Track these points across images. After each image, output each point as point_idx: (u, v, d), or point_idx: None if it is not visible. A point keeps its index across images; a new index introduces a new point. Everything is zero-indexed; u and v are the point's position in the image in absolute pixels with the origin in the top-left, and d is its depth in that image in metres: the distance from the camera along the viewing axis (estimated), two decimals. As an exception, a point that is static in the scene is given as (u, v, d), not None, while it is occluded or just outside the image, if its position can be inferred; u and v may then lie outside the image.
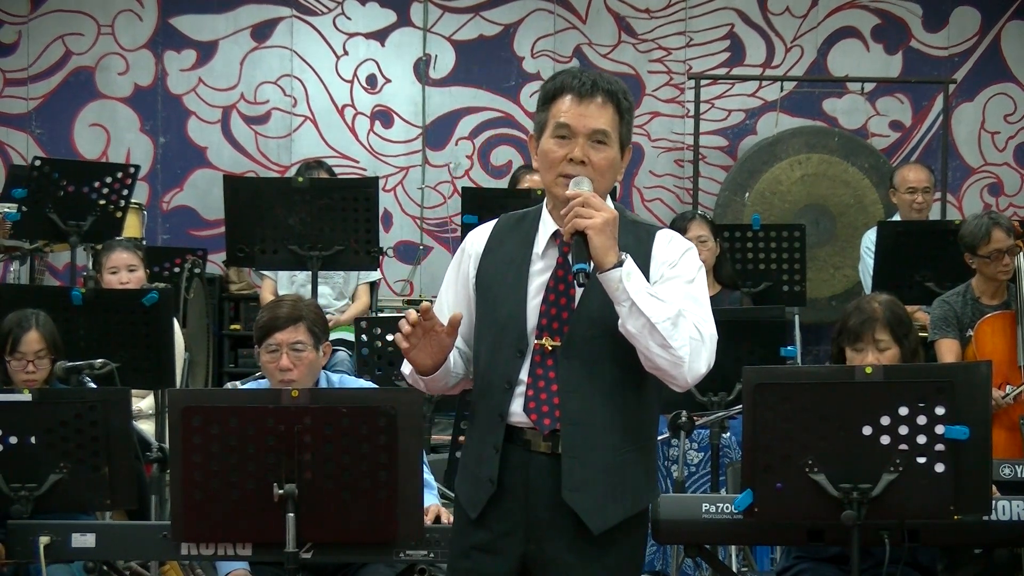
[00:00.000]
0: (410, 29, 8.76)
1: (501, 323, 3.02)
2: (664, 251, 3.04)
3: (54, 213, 6.28)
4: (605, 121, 2.98)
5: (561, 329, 2.98)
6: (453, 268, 3.16)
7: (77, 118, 8.60)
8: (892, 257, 6.25)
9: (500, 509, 2.99)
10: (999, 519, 3.58)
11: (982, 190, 8.91)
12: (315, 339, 4.16)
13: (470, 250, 3.12)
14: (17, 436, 3.95)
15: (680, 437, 4.65)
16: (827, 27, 8.86)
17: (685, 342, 2.91)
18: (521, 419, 2.98)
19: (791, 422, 3.37)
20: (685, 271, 3.03)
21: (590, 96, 2.97)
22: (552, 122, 2.99)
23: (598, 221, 2.86)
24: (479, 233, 3.15)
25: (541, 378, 2.97)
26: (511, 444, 2.99)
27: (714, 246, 5.99)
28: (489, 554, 3.00)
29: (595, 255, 2.87)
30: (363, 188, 6.09)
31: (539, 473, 2.97)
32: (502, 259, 3.07)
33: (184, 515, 3.46)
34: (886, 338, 3.91)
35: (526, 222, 3.10)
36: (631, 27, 8.82)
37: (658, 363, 2.92)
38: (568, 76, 3.02)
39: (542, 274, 3.02)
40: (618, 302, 2.89)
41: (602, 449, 2.97)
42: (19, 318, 4.72)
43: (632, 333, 2.90)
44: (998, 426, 5.14)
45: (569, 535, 2.97)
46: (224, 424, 3.42)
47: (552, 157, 2.98)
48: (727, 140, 8.83)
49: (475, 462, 3.04)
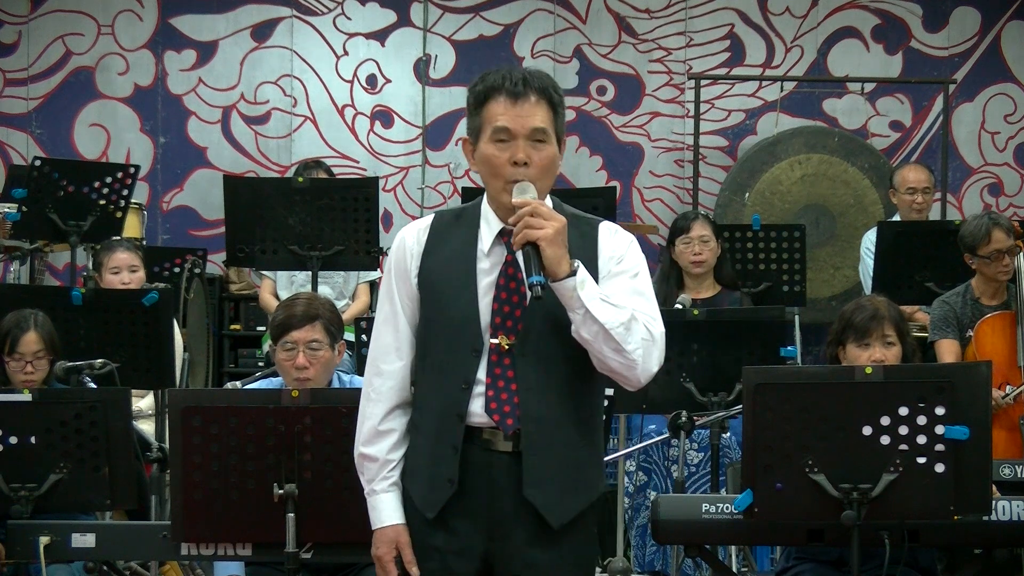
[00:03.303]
0: (410, 29, 8.75)
1: (454, 323, 2.99)
2: (609, 244, 3.04)
3: (54, 213, 6.28)
4: (541, 118, 2.96)
5: (515, 327, 2.97)
6: (394, 269, 3.09)
7: (77, 118, 8.59)
8: (892, 257, 6.25)
9: (461, 509, 2.98)
10: (999, 519, 3.58)
11: (982, 190, 8.91)
12: (331, 338, 4.16)
13: (411, 248, 3.06)
14: (17, 436, 3.95)
15: (680, 437, 4.64)
16: (827, 27, 8.86)
17: (638, 344, 2.92)
18: (482, 419, 2.97)
19: (791, 422, 3.38)
20: (631, 265, 3.03)
21: (524, 95, 2.95)
22: (489, 127, 2.96)
23: (549, 232, 2.86)
24: (414, 232, 3.08)
25: (500, 377, 2.96)
26: (469, 444, 2.97)
27: (716, 246, 6.00)
28: (453, 554, 2.99)
29: (548, 266, 2.86)
30: (363, 188, 6.10)
31: (501, 472, 2.97)
32: (446, 257, 3.03)
33: (184, 515, 3.46)
34: (892, 333, 3.91)
35: (465, 220, 3.07)
36: (631, 27, 8.81)
37: (612, 366, 2.94)
38: (497, 77, 2.98)
39: (490, 272, 3.00)
40: (572, 309, 2.89)
41: (560, 445, 2.98)
42: (17, 319, 4.72)
43: (586, 339, 2.91)
44: (998, 426, 5.14)
45: (531, 530, 2.97)
46: (224, 424, 3.42)
47: (495, 163, 2.95)
48: (727, 140, 8.83)
49: (428, 462, 3.00)
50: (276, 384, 4.24)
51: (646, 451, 5.51)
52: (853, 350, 3.93)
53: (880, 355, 3.86)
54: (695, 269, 5.96)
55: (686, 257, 5.96)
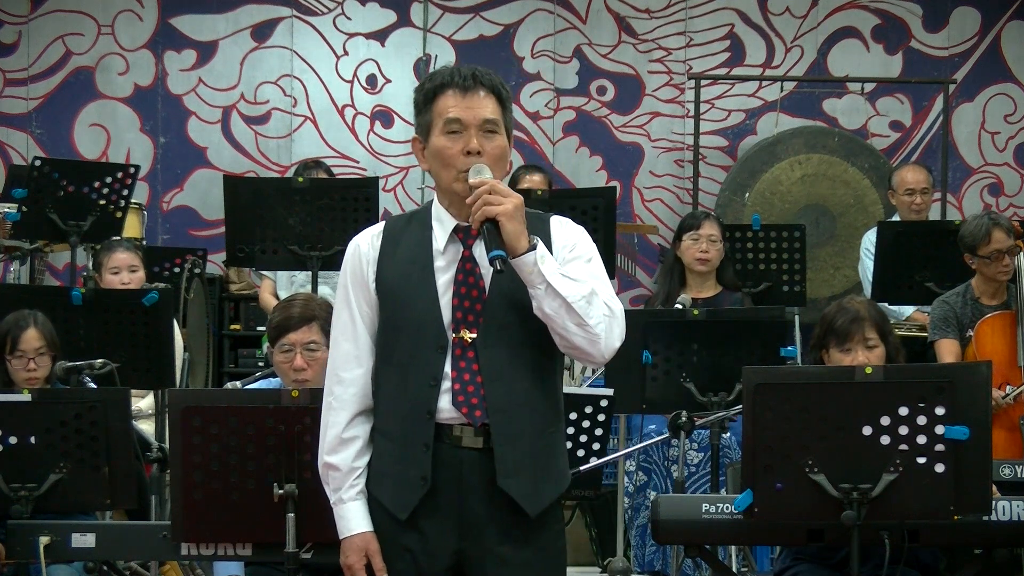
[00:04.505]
0: (410, 29, 8.75)
1: (416, 323, 3.01)
2: (561, 235, 3.08)
3: (54, 213, 6.28)
4: (492, 110, 3.01)
5: (477, 320, 3.00)
6: (349, 276, 3.11)
7: (77, 118, 8.59)
8: (892, 257, 6.25)
9: (431, 508, 2.99)
10: (999, 519, 3.58)
11: (982, 190, 8.91)
12: (328, 338, 4.15)
13: (366, 254, 3.10)
14: (17, 436, 3.95)
15: (680, 437, 4.64)
16: (827, 27, 8.86)
17: (600, 319, 2.95)
18: (451, 414, 2.98)
19: (791, 422, 3.38)
20: (583, 251, 3.06)
21: (473, 89, 3.01)
22: (439, 120, 3.02)
23: (508, 207, 2.90)
24: (369, 237, 3.13)
25: (465, 371, 2.98)
26: (438, 442, 2.99)
27: (722, 248, 6.01)
28: (424, 554, 3.00)
29: (508, 240, 2.90)
30: (363, 188, 6.09)
31: (472, 468, 2.98)
32: (401, 260, 3.06)
33: (184, 515, 3.46)
34: (874, 336, 3.92)
35: (416, 222, 3.11)
36: (631, 27, 8.81)
37: (575, 342, 2.95)
38: (445, 74, 3.04)
39: (447, 270, 3.03)
40: (532, 285, 2.92)
41: (530, 434, 3.00)
42: (16, 318, 4.73)
43: (549, 315, 2.93)
44: (998, 426, 5.14)
45: (504, 526, 2.99)
46: (224, 424, 3.42)
47: (448, 154, 3.00)
48: (727, 140, 8.83)
49: (397, 462, 3.01)
50: (276, 384, 4.24)
51: (646, 451, 5.52)
52: (835, 354, 3.94)
53: (863, 358, 3.87)
54: (699, 267, 5.96)
55: (691, 254, 5.96)
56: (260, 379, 4.59)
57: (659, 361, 4.83)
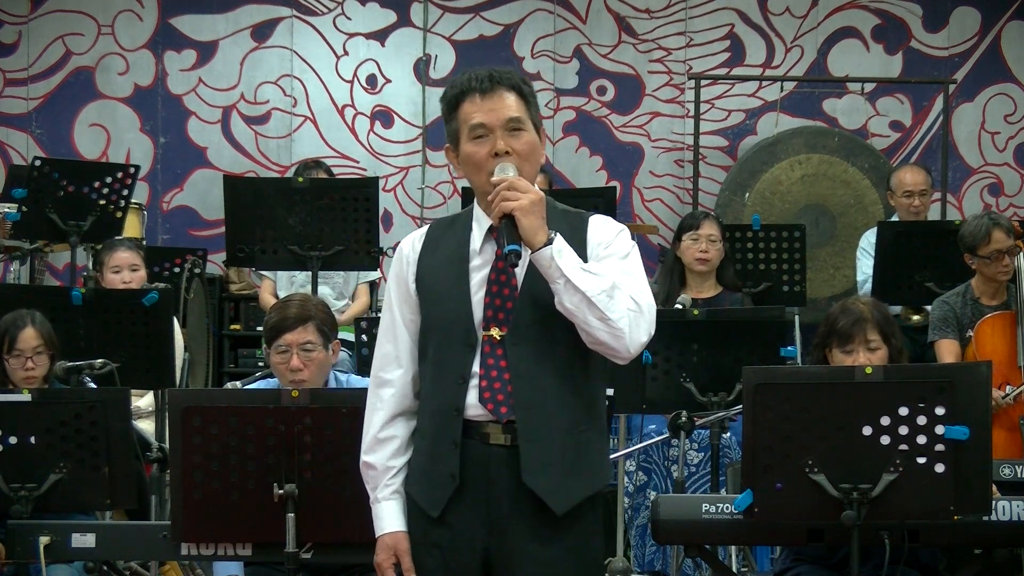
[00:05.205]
0: (410, 29, 8.76)
1: (448, 320, 3.03)
2: (598, 233, 3.08)
3: (54, 213, 6.28)
4: (514, 108, 3.02)
5: (507, 318, 3.00)
6: (393, 279, 3.17)
7: (77, 118, 8.59)
8: (892, 257, 6.25)
9: (461, 505, 3.00)
10: (999, 519, 3.58)
11: (982, 190, 8.91)
12: (324, 338, 4.16)
13: (407, 256, 3.14)
14: (17, 436, 3.95)
15: (680, 437, 4.65)
16: (827, 27, 8.86)
17: (623, 313, 2.94)
18: (478, 411, 2.99)
19: (791, 422, 3.38)
20: (619, 248, 3.06)
21: (492, 90, 3.02)
22: (465, 127, 3.03)
23: (524, 202, 2.91)
24: (412, 240, 3.18)
25: (493, 368, 2.99)
26: (468, 439, 3.00)
27: (722, 248, 6.01)
28: (453, 551, 3.01)
29: (524, 235, 2.91)
30: (363, 188, 6.09)
31: (499, 465, 2.98)
32: (440, 260, 3.10)
33: (184, 515, 3.47)
34: (876, 338, 3.91)
35: (458, 223, 3.14)
36: (631, 27, 8.81)
37: (599, 337, 2.95)
38: (464, 80, 3.06)
39: (482, 269, 3.05)
40: (552, 280, 2.93)
41: (558, 431, 2.99)
42: (14, 317, 4.74)
43: (570, 309, 2.93)
44: (998, 426, 5.14)
45: (532, 524, 2.98)
46: (224, 424, 3.43)
47: (477, 158, 3.02)
48: (727, 140, 8.83)
49: (430, 460, 3.03)
50: (276, 384, 4.24)
51: (646, 451, 5.52)
52: (837, 355, 3.93)
53: (864, 360, 3.86)
54: (699, 267, 5.96)
55: (691, 253, 5.96)
56: (260, 379, 4.59)
57: (659, 361, 4.84)
